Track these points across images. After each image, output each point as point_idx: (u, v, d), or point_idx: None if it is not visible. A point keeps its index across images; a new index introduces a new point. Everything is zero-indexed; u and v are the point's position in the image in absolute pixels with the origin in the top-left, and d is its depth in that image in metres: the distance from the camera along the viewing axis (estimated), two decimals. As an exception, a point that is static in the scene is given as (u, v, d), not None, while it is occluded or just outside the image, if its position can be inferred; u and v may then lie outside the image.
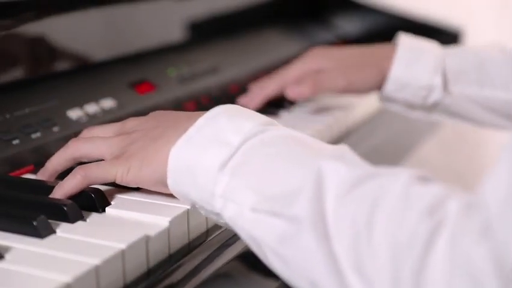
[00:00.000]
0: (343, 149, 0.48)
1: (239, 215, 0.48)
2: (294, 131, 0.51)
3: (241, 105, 0.55)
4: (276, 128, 0.51)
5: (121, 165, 0.55)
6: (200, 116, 0.52)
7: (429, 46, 0.86)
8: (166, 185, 0.53)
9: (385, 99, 0.87)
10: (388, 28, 1.37)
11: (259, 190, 0.47)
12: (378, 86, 0.86)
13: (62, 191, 0.56)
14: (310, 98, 0.90)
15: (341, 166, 0.45)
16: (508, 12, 1.55)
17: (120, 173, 0.54)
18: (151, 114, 0.60)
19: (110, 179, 0.55)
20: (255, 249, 0.49)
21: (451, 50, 0.86)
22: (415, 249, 0.39)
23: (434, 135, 1.32)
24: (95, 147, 0.58)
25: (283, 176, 0.47)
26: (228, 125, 0.50)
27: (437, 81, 0.82)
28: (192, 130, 0.51)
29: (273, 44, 1.23)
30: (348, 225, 0.42)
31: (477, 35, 1.45)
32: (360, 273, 0.42)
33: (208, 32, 1.09)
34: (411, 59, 0.83)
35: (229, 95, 0.99)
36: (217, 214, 0.50)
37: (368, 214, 0.42)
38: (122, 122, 0.61)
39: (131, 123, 0.59)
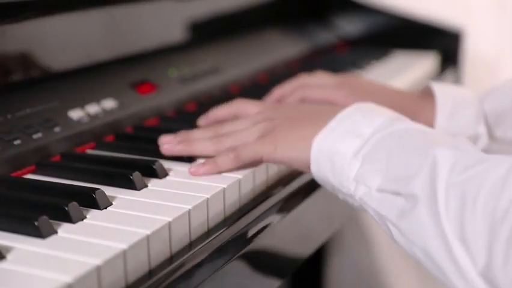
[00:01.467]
0: (460, 140, 0.56)
1: (368, 195, 0.57)
2: (418, 125, 0.60)
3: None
4: (402, 122, 0.60)
5: (267, 144, 0.63)
6: (338, 110, 0.62)
7: (465, 93, 0.81)
8: (308, 167, 0.62)
9: None
10: (389, 28, 1.37)
11: (384, 174, 0.56)
12: None
13: (217, 168, 0.64)
14: None
15: (453, 154, 0.53)
16: (508, 12, 1.55)
17: (268, 151, 0.63)
18: (284, 104, 0.74)
19: (257, 158, 0.64)
20: (380, 223, 0.57)
21: (486, 93, 0.81)
22: (508, 222, 0.47)
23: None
24: (243, 137, 0.66)
25: (404, 161, 0.55)
26: (362, 119, 0.60)
27: (482, 129, 0.79)
28: (333, 123, 0.61)
29: (274, 44, 1.23)
30: (455, 203, 0.50)
31: (477, 35, 1.45)
32: (464, 243, 0.49)
33: (209, 32, 1.09)
34: (453, 110, 0.79)
35: (230, 95, 1.00)
36: (351, 196, 0.59)
37: (472, 192, 0.49)
38: (259, 113, 0.69)
39: (269, 112, 0.68)
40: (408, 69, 1.18)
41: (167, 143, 0.69)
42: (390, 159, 0.56)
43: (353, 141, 0.59)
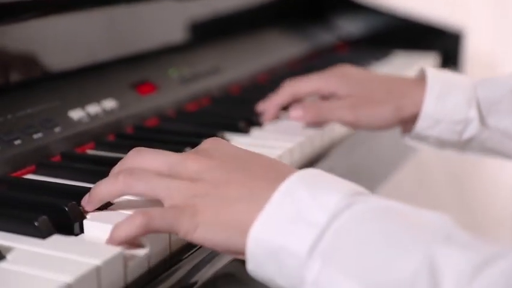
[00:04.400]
0: (447, 223, 0.44)
1: None
2: (384, 200, 0.46)
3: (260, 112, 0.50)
4: (364, 198, 0.46)
5: (187, 219, 0.48)
6: (273, 174, 0.49)
7: (458, 78, 0.80)
8: (240, 254, 0.48)
9: (415, 137, 0.81)
10: (389, 29, 1.37)
11: (360, 278, 0.42)
12: (392, 124, 0.79)
13: (119, 235, 0.49)
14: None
15: (454, 251, 0.41)
16: (508, 13, 1.55)
17: (186, 229, 0.48)
18: (215, 154, 0.52)
19: (173, 232, 0.49)
20: None
21: (481, 81, 0.79)
22: None
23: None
24: (150, 188, 0.51)
25: (388, 262, 0.42)
26: (309, 200, 0.45)
27: (473, 114, 0.76)
28: (270, 208, 0.46)
29: (274, 44, 1.23)
30: None
31: (477, 35, 1.45)
32: None
33: (209, 32, 1.09)
34: (442, 93, 0.77)
35: (230, 95, 1.00)
36: None
37: None
38: (181, 157, 0.52)
39: (193, 165, 0.51)
40: (408, 70, 1.18)
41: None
42: (364, 258, 0.42)
43: (304, 232, 0.44)
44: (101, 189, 0.53)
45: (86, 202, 0.54)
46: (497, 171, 1.74)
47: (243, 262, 0.50)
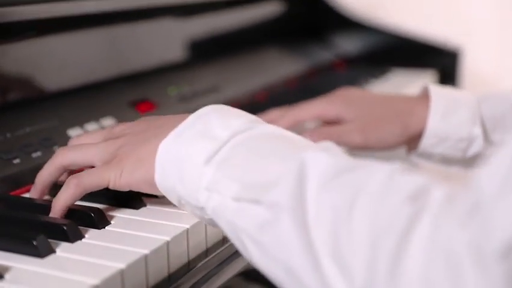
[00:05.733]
0: (329, 144, 0.49)
1: (222, 205, 0.49)
2: (281, 129, 0.53)
3: None
4: (263, 125, 0.53)
5: (113, 169, 0.55)
6: (187, 117, 0.54)
7: (462, 95, 0.80)
8: (157, 187, 0.54)
9: (420, 155, 0.81)
10: (387, 47, 1.38)
11: (242, 180, 0.48)
12: (400, 142, 0.80)
13: (59, 203, 0.56)
14: None
15: (324, 156, 0.46)
16: (508, 32, 1.55)
17: (113, 178, 0.55)
18: (140, 119, 0.61)
19: (103, 185, 0.56)
20: (234, 239, 0.49)
21: (484, 97, 0.80)
22: (394, 234, 0.39)
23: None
24: (83, 153, 0.58)
25: (266, 166, 0.48)
26: (217, 122, 0.52)
27: (477, 131, 0.77)
28: (182, 126, 0.53)
29: (272, 63, 1.23)
30: (328, 212, 0.43)
31: (475, 53, 1.46)
32: (336, 260, 0.41)
33: (208, 51, 1.09)
34: (447, 110, 0.78)
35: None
36: (201, 208, 0.51)
37: (348, 200, 0.42)
38: (110, 127, 0.61)
39: (119, 127, 0.60)
40: (406, 88, 1.19)
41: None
42: (249, 164, 0.49)
43: (206, 145, 0.51)
44: (43, 171, 0.60)
45: (33, 190, 0.61)
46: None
47: (243, 280, 0.50)
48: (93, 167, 0.58)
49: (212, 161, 0.50)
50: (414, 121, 0.79)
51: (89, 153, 0.58)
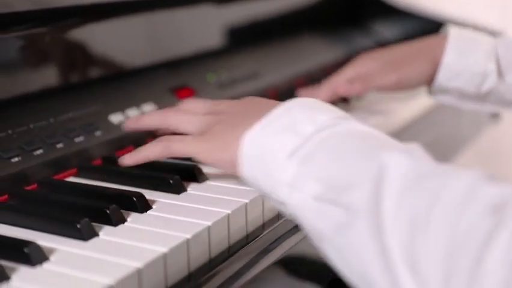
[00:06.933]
0: (413, 146, 0.47)
1: (303, 204, 0.48)
2: (367, 127, 0.51)
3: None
4: (349, 122, 0.51)
5: (202, 143, 0.57)
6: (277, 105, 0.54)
7: (480, 36, 0.86)
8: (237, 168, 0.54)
9: (437, 89, 0.86)
10: (427, 33, 1.36)
11: (323, 180, 0.47)
12: (430, 78, 0.85)
13: (141, 154, 0.60)
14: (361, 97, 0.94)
15: (405, 160, 0.44)
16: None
17: (199, 151, 0.57)
18: (243, 99, 0.62)
19: (189, 154, 0.58)
20: (313, 239, 0.48)
21: (501, 40, 0.85)
22: (472, 246, 0.38)
23: (470, 147, 1.30)
24: (184, 120, 0.61)
25: (347, 167, 0.47)
26: (303, 116, 0.51)
27: (491, 67, 0.82)
28: (268, 118, 0.52)
29: (311, 49, 1.23)
30: (405, 218, 0.42)
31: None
32: (412, 269, 0.40)
33: (247, 37, 1.09)
34: (463, 47, 0.83)
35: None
36: (283, 203, 0.50)
37: (428, 208, 0.41)
38: (217, 101, 0.63)
39: (224, 104, 0.62)
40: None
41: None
42: (331, 163, 0.48)
43: (290, 139, 0.50)
44: (148, 116, 0.65)
45: (130, 123, 0.67)
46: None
47: (282, 268, 0.50)
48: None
49: (295, 156, 0.49)
50: (428, 57, 0.85)
51: (189, 122, 0.61)
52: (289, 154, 0.49)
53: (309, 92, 0.91)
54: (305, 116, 0.51)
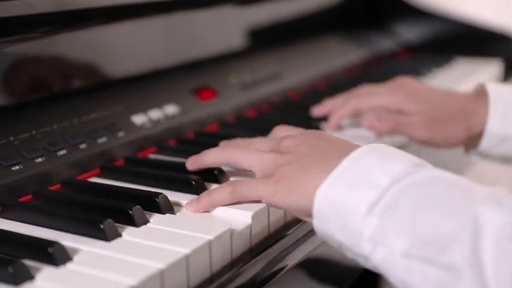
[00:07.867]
0: (499, 192, 0.47)
1: (390, 260, 0.47)
2: (445, 172, 0.50)
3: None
4: (426, 169, 0.50)
5: (268, 186, 0.56)
6: (349, 150, 0.52)
7: None
8: (309, 216, 0.53)
9: (480, 155, 0.81)
10: (451, 35, 1.35)
11: (411, 235, 0.46)
12: (461, 142, 0.80)
13: (210, 201, 0.58)
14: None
15: (500, 213, 0.45)
16: None
17: (267, 194, 0.56)
18: (306, 133, 0.61)
19: (256, 198, 0.57)
20: None
21: None
22: None
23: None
24: (250, 159, 0.60)
25: (437, 220, 0.46)
26: (375, 166, 0.50)
27: None
28: (338, 172, 0.51)
29: (333, 51, 1.22)
30: (506, 275, 0.42)
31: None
32: None
33: (269, 38, 1.09)
34: (505, 108, 0.78)
35: (289, 102, 1.00)
36: (365, 257, 0.50)
37: None
38: (280, 138, 0.61)
39: (288, 142, 0.60)
40: (471, 77, 1.16)
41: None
42: (417, 217, 0.47)
43: (366, 192, 0.49)
44: (208, 153, 0.64)
45: (190, 162, 0.65)
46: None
47: (304, 269, 0.49)
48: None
49: (375, 210, 0.48)
50: (475, 122, 0.79)
51: (254, 160, 0.59)
52: (369, 208, 0.48)
53: (333, 105, 0.85)
54: (379, 165, 0.50)
